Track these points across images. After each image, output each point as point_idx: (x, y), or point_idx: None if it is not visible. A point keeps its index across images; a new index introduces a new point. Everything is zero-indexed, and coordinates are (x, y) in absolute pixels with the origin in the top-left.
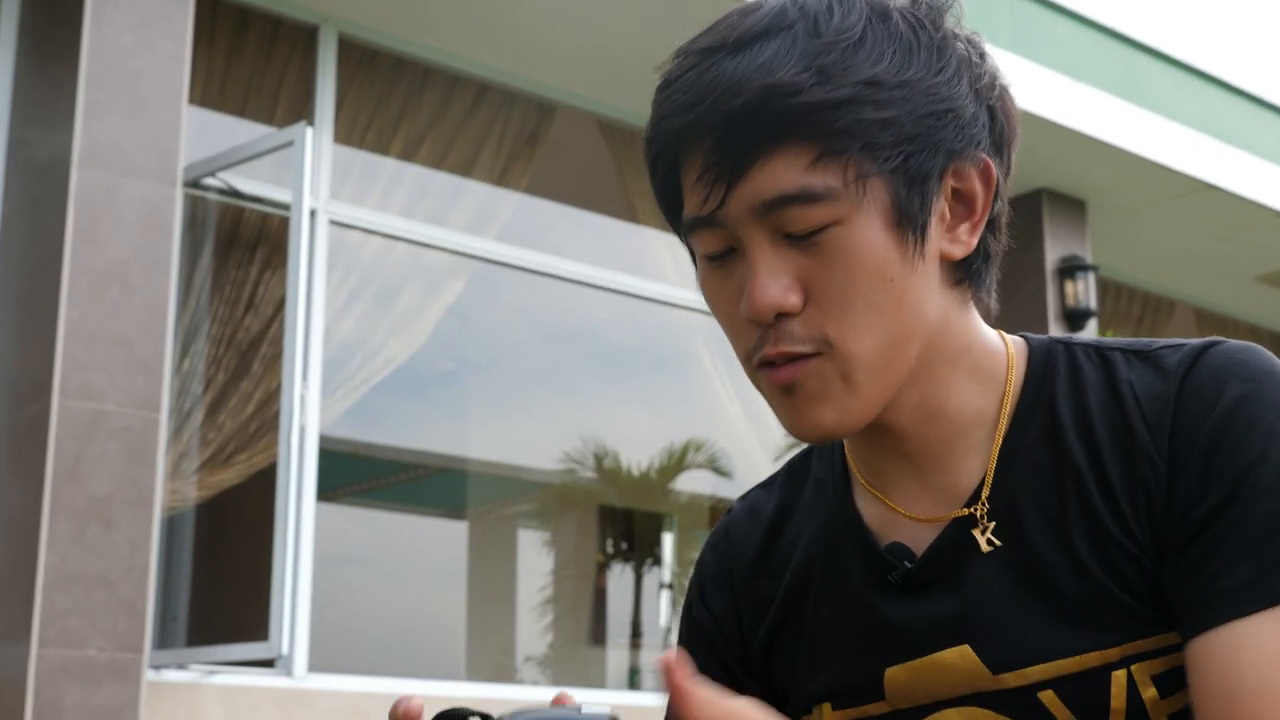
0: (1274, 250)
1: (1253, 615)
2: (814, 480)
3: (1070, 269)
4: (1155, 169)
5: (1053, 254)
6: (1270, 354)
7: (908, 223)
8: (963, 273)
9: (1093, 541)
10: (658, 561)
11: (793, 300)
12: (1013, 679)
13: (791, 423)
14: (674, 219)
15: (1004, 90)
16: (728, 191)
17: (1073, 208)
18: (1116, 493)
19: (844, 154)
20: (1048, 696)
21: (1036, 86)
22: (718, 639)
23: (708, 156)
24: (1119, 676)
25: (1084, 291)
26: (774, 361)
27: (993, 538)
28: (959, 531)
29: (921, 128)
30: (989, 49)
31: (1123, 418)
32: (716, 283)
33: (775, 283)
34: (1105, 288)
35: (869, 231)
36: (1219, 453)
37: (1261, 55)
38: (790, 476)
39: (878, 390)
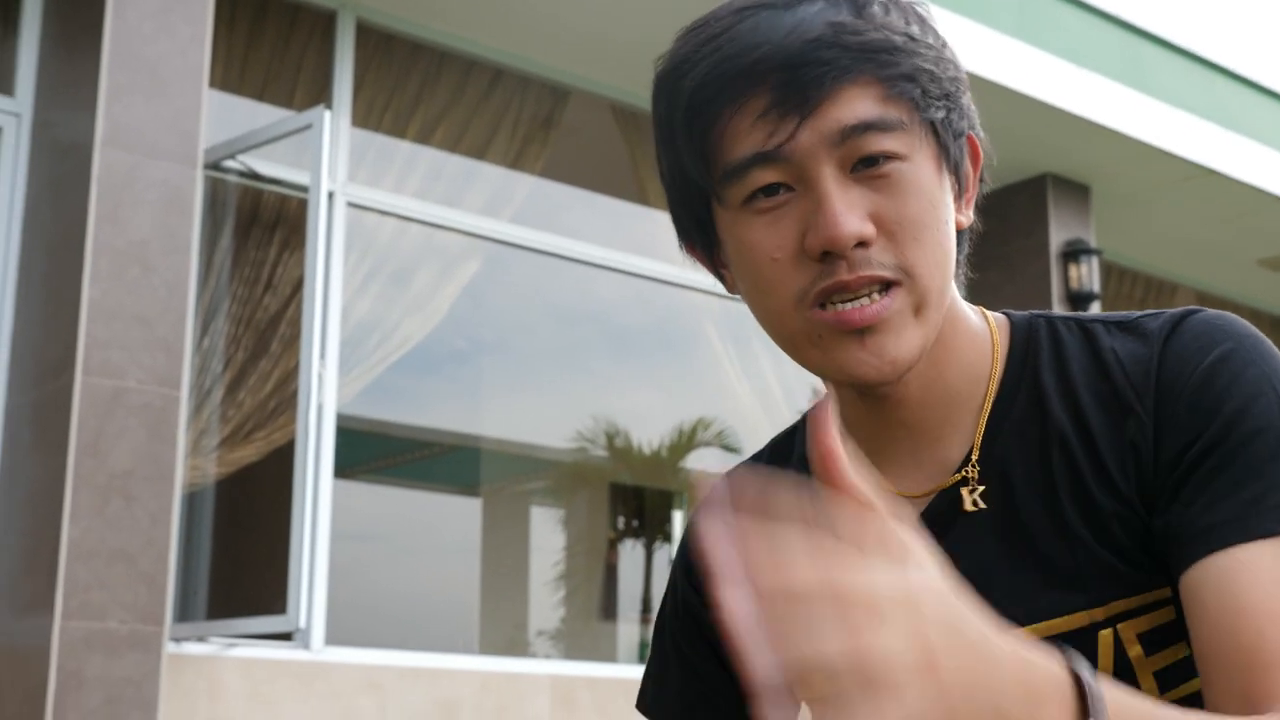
0: (1275, 234)
1: (1248, 543)
2: (798, 458)
3: (1074, 252)
4: (1158, 154)
5: (1057, 238)
6: (1247, 326)
7: (951, 170)
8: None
9: (1080, 505)
10: (668, 538)
11: (870, 229)
12: (1024, 630)
13: (862, 361)
14: (701, 173)
15: None
16: (800, 123)
17: (1077, 192)
18: (1104, 456)
19: (906, 95)
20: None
21: (1041, 72)
22: (704, 615)
23: (777, 92)
24: (1105, 636)
25: (1087, 275)
26: (848, 291)
27: (979, 499)
28: (946, 499)
29: (952, 88)
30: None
31: (1108, 383)
32: (765, 225)
33: (854, 212)
34: (1108, 271)
35: (927, 169)
36: (1205, 401)
37: (1263, 42)
38: (774, 455)
39: (932, 330)
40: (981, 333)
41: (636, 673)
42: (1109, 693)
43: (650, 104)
